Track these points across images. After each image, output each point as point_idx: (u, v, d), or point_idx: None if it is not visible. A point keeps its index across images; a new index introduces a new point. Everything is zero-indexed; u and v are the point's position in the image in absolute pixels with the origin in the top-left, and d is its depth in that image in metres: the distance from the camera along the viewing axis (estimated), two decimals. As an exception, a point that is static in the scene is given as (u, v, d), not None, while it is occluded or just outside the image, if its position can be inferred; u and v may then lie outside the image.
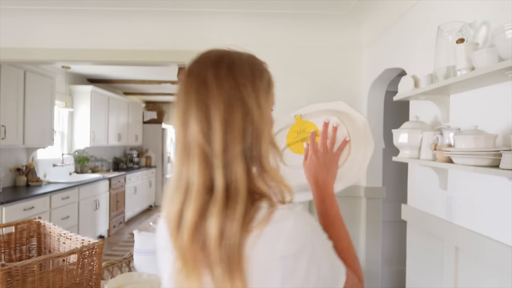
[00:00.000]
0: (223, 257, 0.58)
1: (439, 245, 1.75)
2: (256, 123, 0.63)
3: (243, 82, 0.64)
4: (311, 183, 0.89)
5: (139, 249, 2.30)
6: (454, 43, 1.40)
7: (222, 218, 0.59)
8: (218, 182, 0.60)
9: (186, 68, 0.68)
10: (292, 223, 0.60)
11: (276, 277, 0.59)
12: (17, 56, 2.82)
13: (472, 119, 1.47)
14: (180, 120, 0.64)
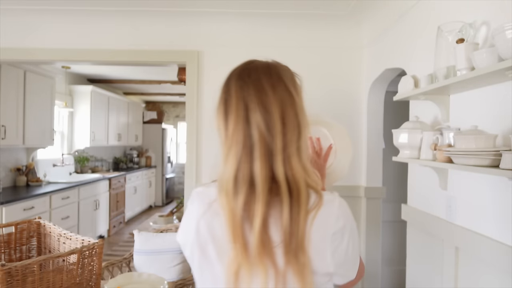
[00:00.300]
0: (293, 238, 0.67)
1: (439, 245, 1.75)
2: (302, 121, 0.74)
3: (290, 86, 0.78)
4: None
5: (139, 249, 2.30)
6: (454, 43, 1.40)
7: (289, 205, 0.68)
8: (280, 175, 0.68)
9: (233, 77, 0.76)
10: (338, 205, 0.74)
11: (327, 251, 0.71)
12: (17, 56, 2.82)
13: (472, 119, 1.47)
14: (239, 121, 0.70)
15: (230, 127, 0.71)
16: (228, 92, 0.74)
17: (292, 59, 2.89)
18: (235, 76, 0.76)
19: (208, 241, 0.73)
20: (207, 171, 2.82)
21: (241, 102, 0.71)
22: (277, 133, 0.69)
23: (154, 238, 2.31)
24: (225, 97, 0.74)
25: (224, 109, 0.73)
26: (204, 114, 2.84)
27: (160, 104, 8.75)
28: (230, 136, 0.71)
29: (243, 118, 0.70)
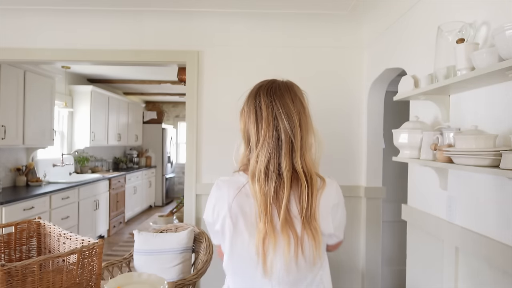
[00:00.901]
0: (307, 211, 0.94)
1: (439, 245, 1.75)
2: (311, 126, 1.01)
3: (303, 100, 1.04)
4: None
5: (139, 249, 2.30)
6: (454, 43, 1.40)
7: (306, 188, 0.94)
8: (298, 167, 0.95)
9: (261, 93, 1.02)
10: (335, 185, 1.03)
11: (329, 218, 1.00)
12: (17, 56, 2.82)
13: (472, 119, 1.47)
14: (270, 127, 0.96)
15: (262, 131, 0.96)
16: (260, 105, 0.99)
17: (292, 59, 2.93)
18: (264, 93, 1.02)
19: (239, 216, 0.97)
20: (207, 170, 2.82)
21: (271, 113, 0.97)
22: (297, 135, 0.96)
23: (154, 238, 2.31)
24: (255, 109, 1.00)
25: (255, 118, 0.99)
26: (204, 114, 2.84)
27: (160, 104, 8.75)
28: (262, 138, 0.96)
29: (273, 125, 0.96)
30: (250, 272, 0.97)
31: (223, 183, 1.02)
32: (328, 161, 2.82)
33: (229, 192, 0.99)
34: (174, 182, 8.70)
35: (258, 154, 0.95)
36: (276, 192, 0.93)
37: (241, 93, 3.27)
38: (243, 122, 1.03)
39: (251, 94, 1.05)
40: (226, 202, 0.98)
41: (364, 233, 2.80)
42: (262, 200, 0.93)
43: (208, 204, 1.04)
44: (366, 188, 2.76)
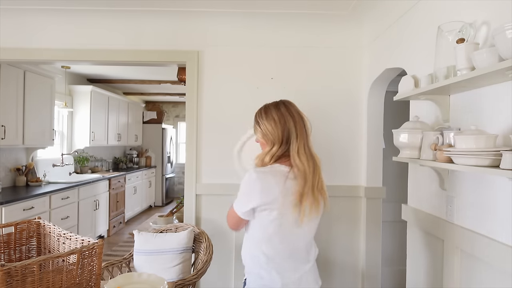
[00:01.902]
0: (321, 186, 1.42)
1: (439, 245, 1.75)
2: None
3: (299, 111, 1.48)
4: None
5: (139, 249, 2.30)
6: (454, 43, 1.40)
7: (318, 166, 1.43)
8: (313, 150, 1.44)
9: (272, 109, 1.46)
10: None
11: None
12: (17, 56, 2.81)
13: (472, 119, 1.47)
14: (281, 130, 1.39)
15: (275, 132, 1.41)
16: (274, 117, 1.42)
17: (292, 59, 2.92)
18: (274, 109, 1.45)
19: (288, 194, 1.31)
20: (207, 170, 2.82)
21: (283, 121, 1.42)
22: (306, 133, 1.43)
23: (154, 238, 2.31)
24: (272, 119, 1.42)
25: (291, 120, 1.42)
26: (204, 114, 2.84)
27: (160, 104, 8.75)
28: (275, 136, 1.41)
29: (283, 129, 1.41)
30: (289, 229, 1.36)
31: (264, 174, 1.34)
32: (328, 161, 2.82)
33: (276, 179, 1.33)
34: (174, 182, 8.70)
35: (298, 145, 1.37)
36: (313, 169, 1.38)
37: (241, 93, 3.29)
38: (274, 126, 1.41)
39: (267, 109, 1.47)
40: (276, 186, 1.31)
41: (364, 233, 2.80)
42: (307, 177, 1.34)
43: (251, 189, 1.33)
44: (366, 188, 2.76)
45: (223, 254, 2.77)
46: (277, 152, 1.38)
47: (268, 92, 2.80)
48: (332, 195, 2.79)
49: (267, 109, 1.46)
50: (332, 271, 2.85)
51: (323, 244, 2.85)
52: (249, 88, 2.82)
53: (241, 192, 1.37)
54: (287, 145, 1.39)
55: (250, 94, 2.81)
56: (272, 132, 1.39)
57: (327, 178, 2.78)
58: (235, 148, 2.30)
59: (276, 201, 1.31)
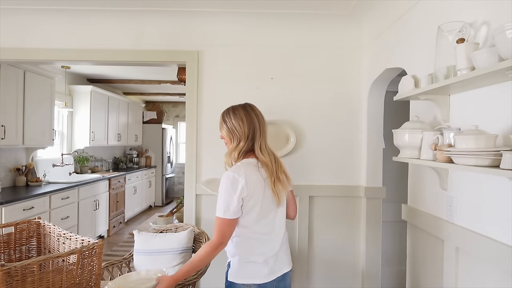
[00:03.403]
0: (283, 170, 1.62)
1: (439, 245, 1.75)
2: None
3: (260, 112, 1.65)
4: None
5: (139, 249, 2.30)
6: (455, 43, 1.40)
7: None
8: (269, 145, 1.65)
9: (240, 109, 1.61)
10: None
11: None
12: (17, 56, 2.81)
13: (472, 119, 1.47)
14: (248, 127, 1.57)
15: (243, 130, 1.57)
16: (241, 116, 1.59)
17: (292, 58, 2.92)
18: (242, 109, 1.61)
19: (264, 180, 1.53)
20: (207, 170, 2.82)
21: (249, 120, 1.58)
22: (265, 132, 1.62)
23: (154, 238, 2.31)
24: (240, 118, 1.58)
25: (241, 123, 1.57)
26: (204, 114, 2.83)
27: (160, 104, 8.75)
28: (241, 133, 1.57)
29: (249, 128, 1.57)
30: (270, 209, 1.55)
31: (239, 171, 1.49)
32: (328, 161, 2.82)
33: (252, 169, 1.52)
34: (174, 182, 8.70)
35: (261, 142, 1.58)
36: (274, 160, 1.59)
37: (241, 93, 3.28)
38: (241, 124, 1.57)
39: (235, 109, 1.62)
40: (254, 175, 1.51)
41: (364, 233, 2.80)
42: (270, 168, 1.55)
43: (231, 189, 1.47)
44: (366, 188, 2.76)
45: (223, 254, 2.76)
46: (244, 147, 1.56)
47: (268, 92, 2.80)
48: (332, 195, 2.82)
49: (234, 109, 1.61)
50: (332, 271, 2.85)
51: (323, 244, 2.85)
52: (249, 88, 2.82)
53: (225, 194, 1.48)
54: (252, 141, 1.56)
55: (250, 94, 2.80)
56: (239, 129, 1.56)
57: (327, 178, 2.81)
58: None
59: (256, 187, 1.50)
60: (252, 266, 1.54)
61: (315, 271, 2.85)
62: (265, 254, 1.55)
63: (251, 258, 1.55)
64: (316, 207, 2.83)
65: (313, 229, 2.85)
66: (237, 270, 1.55)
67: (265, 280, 1.53)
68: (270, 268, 1.55)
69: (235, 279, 1.55)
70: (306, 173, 2.81)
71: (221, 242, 1.50)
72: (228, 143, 1.62)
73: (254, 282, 1.53)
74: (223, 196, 1.48)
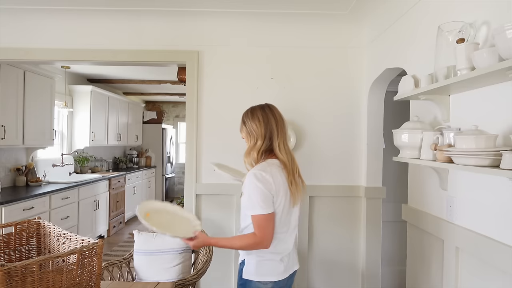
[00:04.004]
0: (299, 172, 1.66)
1: (439, 245, 1.75)
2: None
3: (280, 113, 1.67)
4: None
5: (139, 249, 2.30)
6: (455, 43, 1.40)
7: None
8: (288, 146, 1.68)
9: (258, 110, 1.64)
10: None
11: None
12: (17, 56, 2.81)
13: (472, 119, 1.47)
14: (265, 128, 1.60)
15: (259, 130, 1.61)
16: (258, 117, 1.62)
17: (292, 58, 2.92)
18: (260, 110, 1.64)
19: (285, 181, 1.57)
20: (207, 170, 2.82)
21: (267, 120, 1.61)
22: (285, 132, 1.64)
23: (154, 238, 2.31)
24: (257, 118, 1.62)
25: (258, 123, 1.61)
26: (204, 114, 2.84)
27: (160, 104, 8.75)
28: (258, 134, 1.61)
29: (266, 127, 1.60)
30: (288, 210, 1.58)
31: (267, 170, 1.53)
32: (328, 161, 2.82)
33: (276, 170, 1.56)
34: (174, 182, 8.69)
35: (279, 142, 1.59)
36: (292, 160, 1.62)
37: (241, 93, 3.28)
38: (258, 125, 1.60)
39: (253, 110, 1.66)
40: (279, 175, 1.55)
41: (364, 233, 2.80)
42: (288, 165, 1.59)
43: (261, 185, 1.49)
44: (366, 188, 2.76)
45: (223, 254, 2.77)
46: (262, 147, 1.59)
47: (268, 92, 2.80)
48: (332, 195, 2.82)
49: (253, 110, 1.65)
50: (332, 271, 2.85)
51: (323, 244, 2.85)
52: (249, 88, 2.82)
53: (256, 190, 1.49)
54: (270, 141, 1.60)
55: (250, 94, 2.81)
56: (256, 130, 1.60)
57: (327, 178, 2.81)
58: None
59: (281, 186, 1.53)
60: (269, 264, 1.57)
61: (315, 271, 2.85)
62: (281, 253, 1.58)
63: (268, 256, 1.57)
64: (316, 207, 2.84)
65: (313, 229, 2.85)
66: (255, 268, 1.57)
67: (281, 277, 1.57)
68: (285, 266, 1.59)
69: (252, 276, 1.57)
70: (306, 173, 2.77)
71: (263, 239, 1.49)
72: (247, 143, 1.65)
73: (270, 279, 1.56)
74: (253, 192, 1.49)
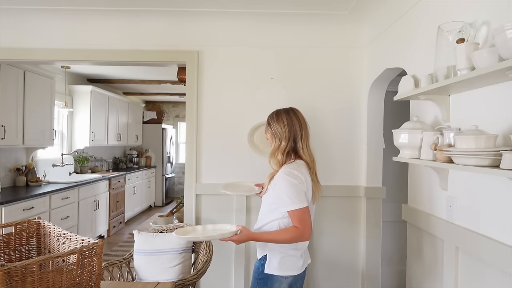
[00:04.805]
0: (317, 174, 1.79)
1: (439, 245, 1.75)
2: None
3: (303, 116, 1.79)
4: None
5: (139, 249, 2.30)
6: (455, 43, 1.40)
7: None
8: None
9: (283, 113, 1.75)
10: None
11: None
12: (17, 56, 2.81)
13: (472, 119, 1.47)
14: (289, 130, 1.70)
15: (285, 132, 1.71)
16: (283, 119, 1.73)
17: (292, 59, 2.92)
18: (284, 113, 1.75)
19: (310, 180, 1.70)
20: (207, 170, 2.83)
21: (291, 123, 1.71)
22: (308, 135, 1.76)
23: (154, 238, 2.31)
24: (282, 120, 1.72)
25: (298, 124, 1.73)
26: (204, 114, 2.83)
27: (160, 104, 8.75)
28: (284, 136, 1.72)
29: (290, 129, 1.71)
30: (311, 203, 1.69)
31: (298, 169, 1.64)
32: (328, 161, 2.82)
33: (305, 170, 1.68)
34: (174, 182, 8.70)
35: (303, 144, 1.71)
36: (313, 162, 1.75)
37: (241, 93, 3.28)
38: (283, 127, 1.71)
39: (278, 113, 1.77)
40: (307, 174, 1.67)
41: (364, 233, 2.80)
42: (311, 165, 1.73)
43: (296, 181, 1.60)
44: (366, 188, 2.76)
45: (223, 254, 2.77)
46: (286, 148, 1.69)
47: (268, 92, 2.80)
48: (332, 195, 2.82)
49: (278, 113, 1.76)
50: (332, 271, 2.85)
51: (323, 244, 2.85)
52: (249, 88, 2.82)
53: (290, 186, 1.59)
54: (294, 143, 1.70)
55: (250, 94, 2.81)
56: (281, 132, 1.70)
57: (327, 178, 2.81)
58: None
59: (308, 185, 1.66)
60: (291, 259, 1.67)
61: (315, 271, 2.85)
62: (301, 249, 1.70)
63: (291, 252, 1.67)
64: (316, 207, 2.83)
65: (313, 229, 2.82)
66: (278, 263, 1.66)
67: (300, 271, 1.69)
68: (303, 261, 1.71)
69: (275, 271, 1.66)
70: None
71: (304, 231, 1.58)
72: (272, 144, 1.76)
73: (291, 274, 1.66)
74: (289, 188, 1.59)
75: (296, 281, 1.68)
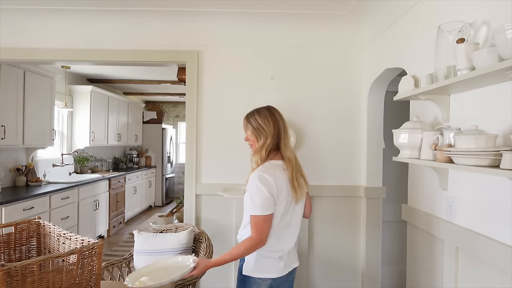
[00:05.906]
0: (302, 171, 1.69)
1: (439, 245, 1.75)
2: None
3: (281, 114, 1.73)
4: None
5: (139, 249, 2.30)
6: (455, 43, 1.40)
7: None
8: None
9: (265, 111, 1.68)
10: None
11: None
12: (17, 56, 2.81)
13: (472, 119, 1.47)
14: (273, 125, 1.65)
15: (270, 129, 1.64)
16: (266, 116, 1.66)
17: (292, 58, 2.92)
18: (266, 110, 1.69)
19: (288, 181, 1.59)
20: (207, 170, 2.83)
21: (275, 121, 1.66)
22: (288, 131, 1.72)
23: (154, 238, 2.31)
24: (265, 117, 1.66)
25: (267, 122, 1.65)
26: (204, 114, 2.84)
27: (160, 104, 8.75)
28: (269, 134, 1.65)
29: (278, 125, 1.66)
30: (290, 207, 1.61)
31: (270, 172, 1.56)
32: (328, 161, 2.82)
33: (279, 171, 1.59)
34: (174, 182, 8.69)
35: (285, 140, 1.66)
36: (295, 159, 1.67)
37: (241, 93, 3.28)
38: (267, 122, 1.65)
39: (260, 110, 1.69)
40: (281, 176, 1.58)
41: (364, 233, 2.80)
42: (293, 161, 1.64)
43: (263, 187, 1.51)
44: (366, 188, 2.76)
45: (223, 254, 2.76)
46: (270, 145, 1.63)
47: (268, 92, 2.80)
48: (332, 195, 2.82)
49: (259, 110, 1.70)
50: (332, 271, 2.85)
51: (323, 244, 2.85)
52: (249, 88, 2.82)
53: (257, 191, 1.53)
54: (277, 139, 1.65)
55: (250, 94, 2.81)
56: (266, 127, 1.64)
57: (327, 178, 2.81)
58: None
59: (283, 187, 1.57)
60: (267, 261, 1.61)
61: (315, 271, 2.85)
62: (280, 251, 1.62)
63: (266, 254, 1.61)
64: (316, 207, 2.83)
65: (313, 229, 2.85)
66: (254, 265, 1.62)
67: (280, 274, 1.62)
68: (285, 263, 1.63)
69: (251, 273, 1.62)
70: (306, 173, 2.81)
71: (260, 239, 1.54)
72: (255, 142, 1.67)
73: (269, 276, 1.60)
74: (255, 194, 1.53)
75: (278, 285, 1.62)
